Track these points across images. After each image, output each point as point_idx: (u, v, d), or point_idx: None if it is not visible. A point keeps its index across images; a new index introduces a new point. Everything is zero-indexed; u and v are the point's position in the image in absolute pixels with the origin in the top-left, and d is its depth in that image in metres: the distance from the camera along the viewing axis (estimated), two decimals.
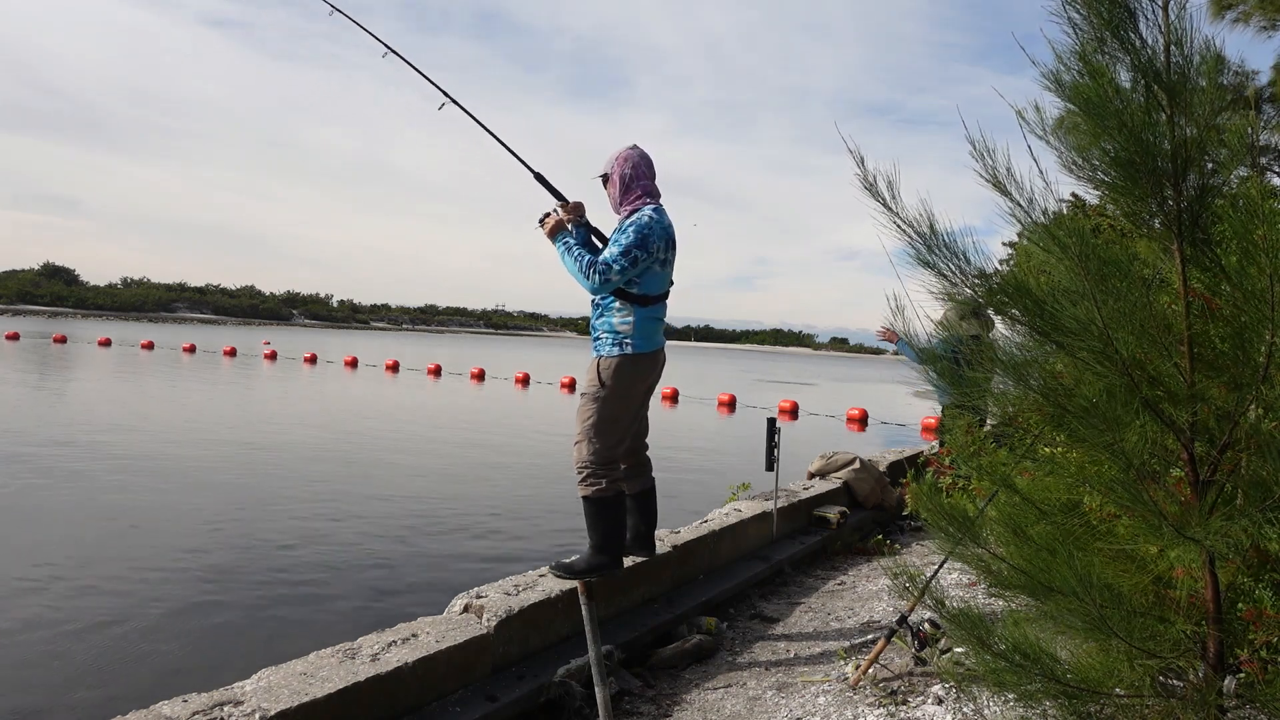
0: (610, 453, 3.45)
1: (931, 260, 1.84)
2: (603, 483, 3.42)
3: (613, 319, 3.45)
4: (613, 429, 3.44)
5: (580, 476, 3.46)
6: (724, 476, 8.34)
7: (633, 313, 3.42)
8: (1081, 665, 1.81)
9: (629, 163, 3.52)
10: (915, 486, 2.49)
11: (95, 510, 6.72)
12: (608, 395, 3.42)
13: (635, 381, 3.46)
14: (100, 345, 32.71)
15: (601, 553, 3.46)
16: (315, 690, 2.36)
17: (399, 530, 6.68)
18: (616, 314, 3.44)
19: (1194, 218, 1.72)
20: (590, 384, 3.48)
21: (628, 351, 3.42)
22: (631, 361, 3.43)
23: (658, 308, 3.49)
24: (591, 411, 3.43)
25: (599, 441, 3.42)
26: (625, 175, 3.50)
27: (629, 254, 3.35)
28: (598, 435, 3.42)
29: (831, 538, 5.37)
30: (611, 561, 3.47)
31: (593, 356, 3.52)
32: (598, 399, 3.43)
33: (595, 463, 3.42)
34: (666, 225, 3.47)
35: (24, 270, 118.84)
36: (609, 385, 3.42)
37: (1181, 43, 1.66)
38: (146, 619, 4.51)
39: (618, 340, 3.43)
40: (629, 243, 3.36)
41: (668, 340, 3.67)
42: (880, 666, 3.17)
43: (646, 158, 3.58)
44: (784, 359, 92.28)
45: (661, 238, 3.42)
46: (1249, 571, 1.91)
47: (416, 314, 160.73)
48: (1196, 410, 1.69)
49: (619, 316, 3.44)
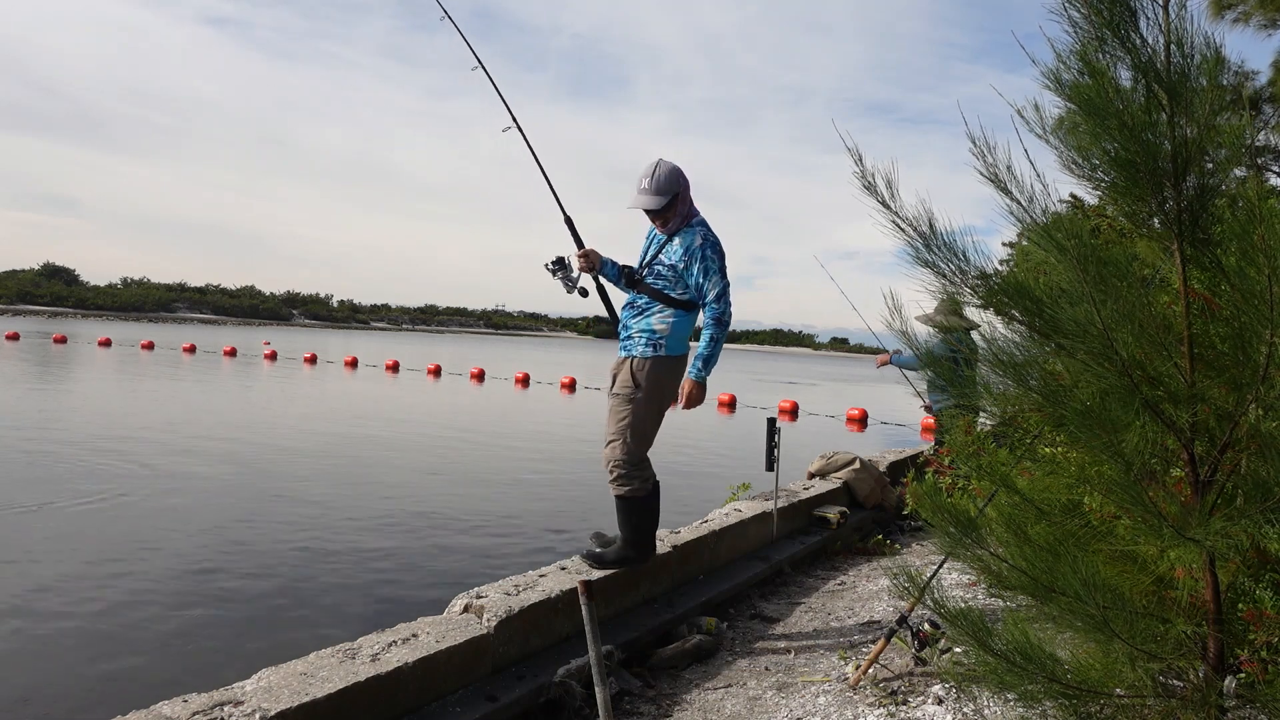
0: (643, 452, 3.55)
1: (931, 259, 1.84)
2: (635, 482, 3.51)
3: (652, 320, 3.51)
4: (646, 429, 3.54)
5: (613, 476, 3.54)
6: (724, 476, 8.34)
7: (674, 316, 3.51)
8: (1082, 665, 1.81)
9: (687, 184, 3.54)
10: (915, 486, 2.49)
11: (95, 509, 6.72)
12: (643, 397, 3.49)
13: (668, 383, 3.55)
14: (100, 345, 32.70)
15: (632, 547, 3.59)
16: (315, 690, 2.36)
17: (399, 530, 6.68)
18: (657, 316, 3.51)
19: (1194, 218, 1.72)
20: (624, 385, 3.53)
21: (661, 353, 3.50)
22: (665, 363, 3.51)
23: (695, 314, 3.58)
24: (626, 412, 3.50)
25: (633, 442, 3.50)
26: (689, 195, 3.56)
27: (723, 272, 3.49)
28: (633, 436, 3.50)
29: (831, 538, 5.37)
30: (640, 556, 3.62)
31: (621, 356, 3.59)
32: (632, 400, 3.50)
33: (629, 462, 3.50)
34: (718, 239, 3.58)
35: (24, 270, 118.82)
36: (644, 387, 3.49)
37: (1182, 42, 1.66)
38: (146, 619, 4.51)
39: (652, 341, 3.50)
40: (719, 265, 3.48)
41: None
42: (880, 666, 3.17)
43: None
44: (784, 359, 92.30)
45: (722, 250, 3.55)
46: (1249, 572, 1.91)
47: (416, 314, 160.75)
48: (1196, 410, 1.69)
49: (659, 318, 3.51)
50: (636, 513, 3.56)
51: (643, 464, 3.55)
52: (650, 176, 3.45)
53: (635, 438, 3.50)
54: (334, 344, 48.62)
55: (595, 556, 3.59)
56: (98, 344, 33.23)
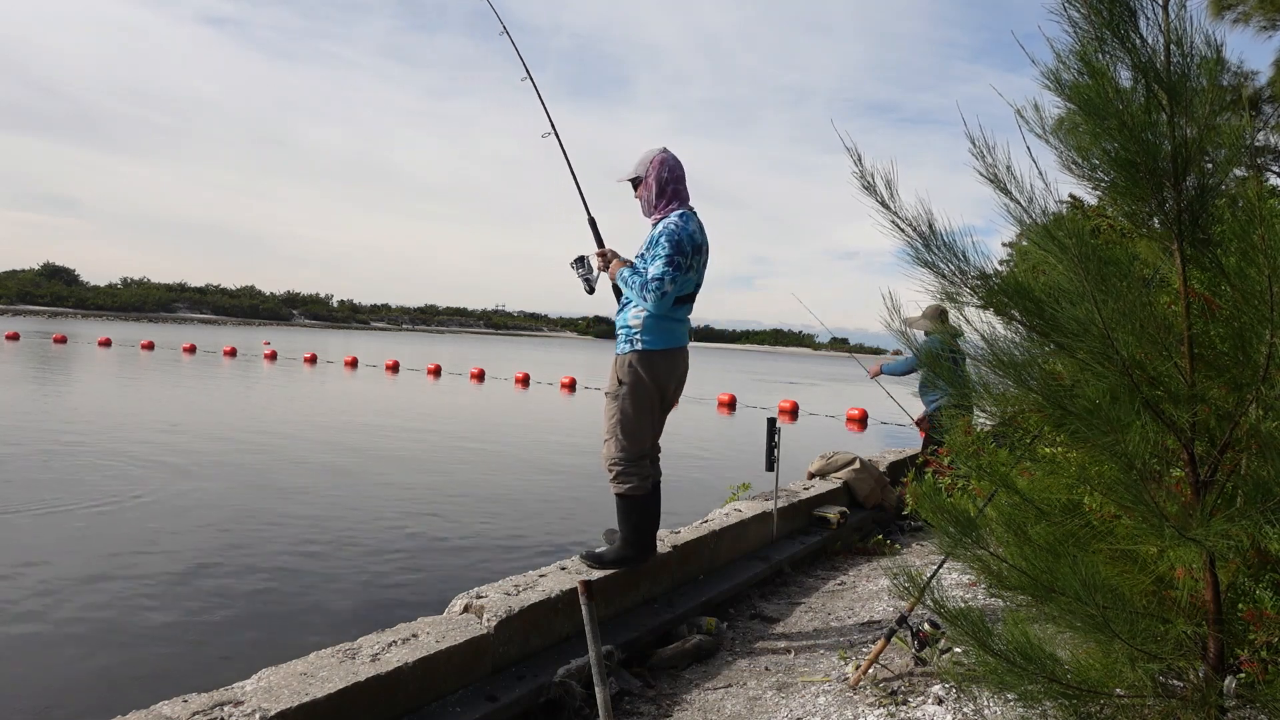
0: (637, 449, 3.53)
1: (930, 260, 1.84)
2: (634, 480, 3.51)
3: (628, 315, 3.54)
4: (635, 425, 3.52)
5: (611, 474, 3.55)
6: (724, 476, 8.34)
7: (646, 310, 3.48)
8: (1082, 665, 1.81)
9: (665, 166, 3.56)
10: (915, 486, 2.49)
11: (95, 509, 6.72)
12: (626, 392, 3.51)
13: (650, 378, 3.51)
14: (100, 345, 32.69)
15: (631, 546, 3.58)
16: (315, 690, 2.35)
17: (399, 530, 6.68)
18: (632, 311, 3.52)
19: (1194, 218, 1.72)
20: (611, 382, 3.58)
21: (639, 348, 3.49)
22: (645, 358, 3.49)
23: (678, 309, 3.54)
24: (614, 410, 3.53)
25: (625, 438, 3.51)
26: (661, 179, 3.55)
27: (673, 263, 3.41)
28: (623, 432, 3.51)
29: (831, 538, 5.37)
30: (639, 555, 3.61)
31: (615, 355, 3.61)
32: (617, 396, 3.53)
33: (624, 459, 3.51)
34: (692, 231, 3.50)
35: (24, 270, 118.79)
36: (626, 382, 3.51)
37: (1181, 42, 1.65)
38: (146, 619, 4.51)
39: (630, 336, 3.52)
40: (668, 253, 3.41)
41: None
42: (880, 666, 3.17)
43: (678, 160, 3.62)
44: (784, 359, 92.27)
45: (688, 244, 3.46)
46: (1249, 572, 1.91)
47: (416, 314, 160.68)
48: (1196, 410, 1.69)
49: (633, 312, 3.52)
50: (635, 511, 3.56)
51: (639, 461, 3.53)
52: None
53: (625, 434, 3.50)
54: (334, 344, 48.61)
55: (594, 556, 3.59)
56: (98, 344, 33.22)
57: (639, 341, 3.49)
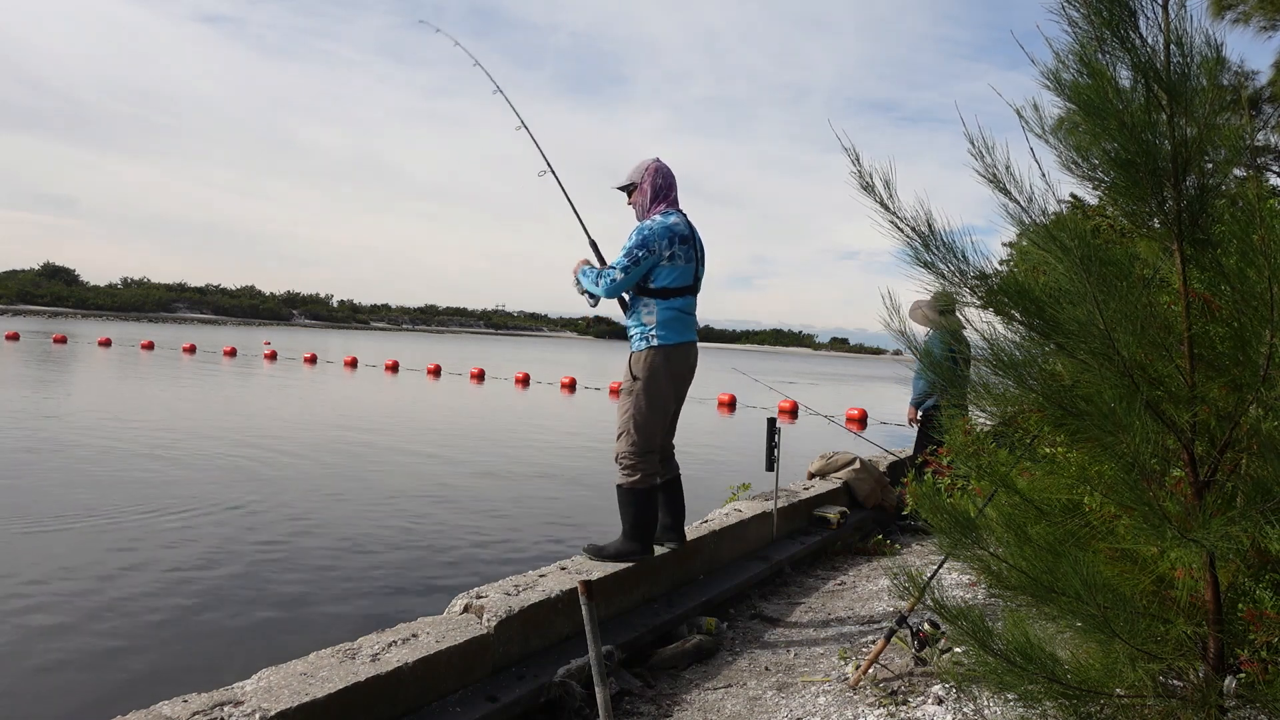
0: (647, 444, 3.67)
1: (929, 260, 1.84)
2: (638, 474, 3.64)
3: (641, 315, 3.71)
4: (647, 420, 3.66)
5: (620, 466, 3.69)
6: (724, 476, 8.33)
7: (655, 307, 3.67)
8: (1082, 665, 1.81)
9: (659, 173, 3.81)
10: (915, 486, 2.49)
11: (96, 508, 6.72)
12: (640, 387, 3.65)
13: (664, 372, 3.68)
14: (100, 345, 32.69)
15: (632, 540, 3.68)
16: (315, 690, 2.35)
17: (399, 530, 6.68)
18: (643, 310, 3.70)
19: (1194, 218, 1.72)
20: (625, 379, 3.73)
21: (654, 344, 3.66)
22: (660, 354, 3.66)
23: (679, 300, 3.72)
24: (628, 405, 3.68)
25: (636, 433, 3.65)
26: (656, 185, 3.78)
27: (630, 254, 3.62)
28: (635, 428, 3.65)
29: (831, 538, 5.37)
30: (641, 548, 3.70)
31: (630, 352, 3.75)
32: (631, 392, 3.68)
33: (633, 454, 3.65)
34: (670, 224, 3.68)
35: (24, 270, 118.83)
36: (640, 378, 3.66)
37: (1182, 42, 1.65)
38: (147, 618, 4.51)
39: (645, 334, 3.68)
40: (629, 245, 3.64)
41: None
42: (880, 666, 3.17)
43: (670, 169, 3.85)
44: (784, 359, 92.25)
45: (664, 236, 3.64)
46: (1249, 572, 1.91)
47: (416, 314, 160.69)
48: (1196, 411, 1.69)
49: (645, 312, 3.70)
50: (636, 504, 3.65)
51: (647, 456, 3.66)
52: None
53: (636, 428, 3.65)
54: (334, 344, 48.61)
55: (596, 550, 3.69)
56: (98, 344, 33.22)
57: (654, 338, 3.66)
